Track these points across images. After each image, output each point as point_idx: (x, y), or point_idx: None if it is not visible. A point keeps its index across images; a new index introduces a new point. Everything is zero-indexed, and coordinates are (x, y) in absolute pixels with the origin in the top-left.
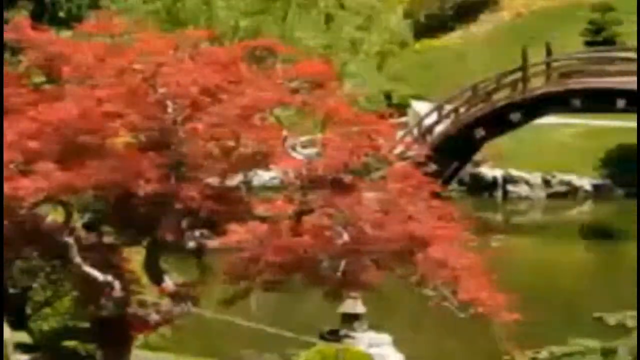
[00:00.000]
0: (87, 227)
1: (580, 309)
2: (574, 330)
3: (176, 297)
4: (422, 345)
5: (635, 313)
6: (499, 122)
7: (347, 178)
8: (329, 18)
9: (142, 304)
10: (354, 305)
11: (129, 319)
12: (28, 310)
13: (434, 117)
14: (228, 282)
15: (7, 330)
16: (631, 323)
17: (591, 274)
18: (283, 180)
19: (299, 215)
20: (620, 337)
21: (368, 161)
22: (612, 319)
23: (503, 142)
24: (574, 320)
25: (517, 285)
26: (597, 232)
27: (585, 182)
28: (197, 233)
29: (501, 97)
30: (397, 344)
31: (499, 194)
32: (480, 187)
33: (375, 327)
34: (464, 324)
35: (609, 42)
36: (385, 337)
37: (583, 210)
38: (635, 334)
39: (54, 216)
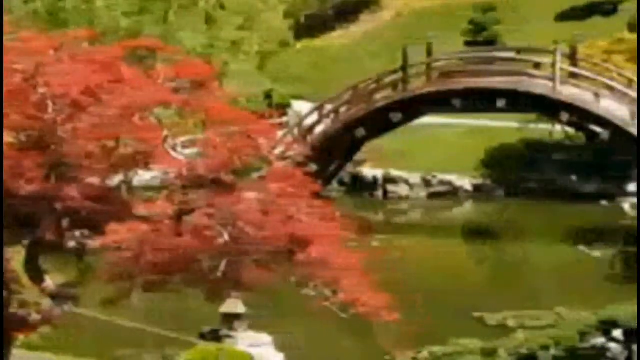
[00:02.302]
0: None
1: (460, 309)
2: (455, 330)
3: (57, 297)
4: (303, 345)
5: (516, 313)
6: (379, 122)
7: (228, 178)
8: (209, 18)
9: (23, 304)
10: (235, 305)
11: (9, 319)
12: None
13: (314, 117)
14: (109, 282)
15: None
16: (512, 323)
17: (471, 274)
18: (164, 180)
19: (179, 215)
20: (501, 338)
21: (248, 161)
22: (492, 319)
23: (383, 142)
24: (455, 321)
25: (398, 285)
26: (477, 232)
27: (466, 182)
28: (77, 233)
29: (382, 97)
30: (278, 344)
31: (379, 193)
32: (361, 187)
33: (256, 327)
34: (346, 324)
35: (490, 42)
36: (266, 337)
37: (463, 210)
38: (516, 335)
39: None
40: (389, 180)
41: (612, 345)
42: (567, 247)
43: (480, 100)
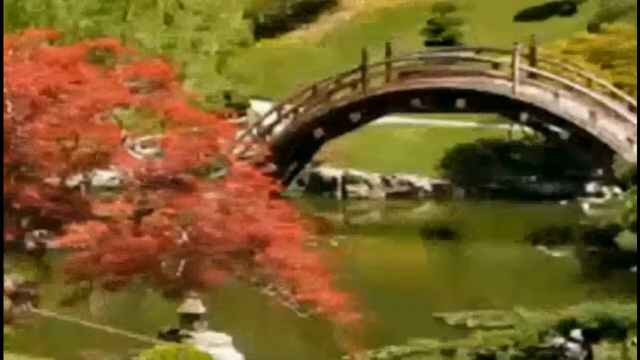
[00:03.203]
0: None
1: (420, 308)
2: (414, 330)
3: (17, 297)
4: (262, 345)
5: (476, 313)
6: (338, 122)
7: (187, 178)
8: (168, 18)
9: None
10: (194, 305)
11: None
12: None
13: (273, 117)
14: (68, 282)
15: None
16: (471, 323)
17: (431, 274)
18: (123, 180)
19: (138, 215)
20: (460, 338)
21: (208, 161)
22: (452, 319)
23: (343, 142)
24: (414, 320)
25: (357, 285)
26: (437, 232)
27: (425, 182)
28: (37, 233)
29: (341, 97)
30: (237, 344)
31: (338, 193)
32: (320, 187)
33: (215, 327)
34: (305, 323)
35: (449, 42)
36: (225, 337)
37: (423, 210)
38: (475, 334)
39: None
40: (348, 180)
41: (572, 345)
42: (527, 247)
43: (439, 100)
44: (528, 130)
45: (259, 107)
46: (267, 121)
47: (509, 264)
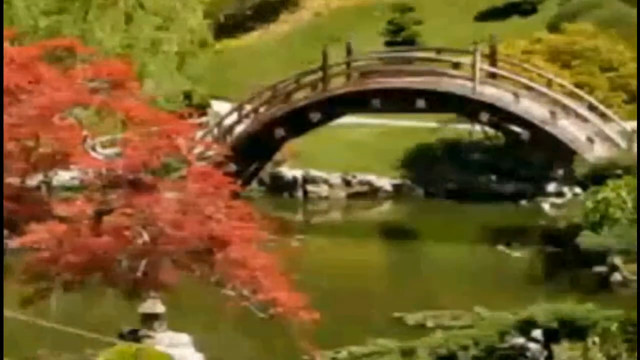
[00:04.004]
0: None
1: (379, 308)
2: (374, 330)
3: None
4: (222, 345)
5: (435, 313)
6: (298, 121)
7: (147, 178)
8: (128, 18)
9: None
10: (154, 305)
11: None
12: None
13: (234, 117)
14: (27, 282)
15: None
16: (431, 323)
17: (391, 274)
18: (83, 180)
19: (98, 215)
20: (420, 337)
21: (168, 161)
22: (411, 319)
23: (303, 142)
24: (374, 320)
25: (317, 285)
26: (397, 232)
27: (385, 182)
28: None
29: (301, 97)
30: (197, 344)
31: (299, 194)
32: (281, 187)
33: (175, 327)
34: (264, 323)
35: (409, 42)
36: (185, 337)
37: (383, 210)
38: (435, 334)
39: None
40: (308, 180)
41: (532, 345)
42: (487, 247)
43: (399, 100)
44: (489, 130)
45: (220, 107)
46: (228, 121)
47: (469, 263)
